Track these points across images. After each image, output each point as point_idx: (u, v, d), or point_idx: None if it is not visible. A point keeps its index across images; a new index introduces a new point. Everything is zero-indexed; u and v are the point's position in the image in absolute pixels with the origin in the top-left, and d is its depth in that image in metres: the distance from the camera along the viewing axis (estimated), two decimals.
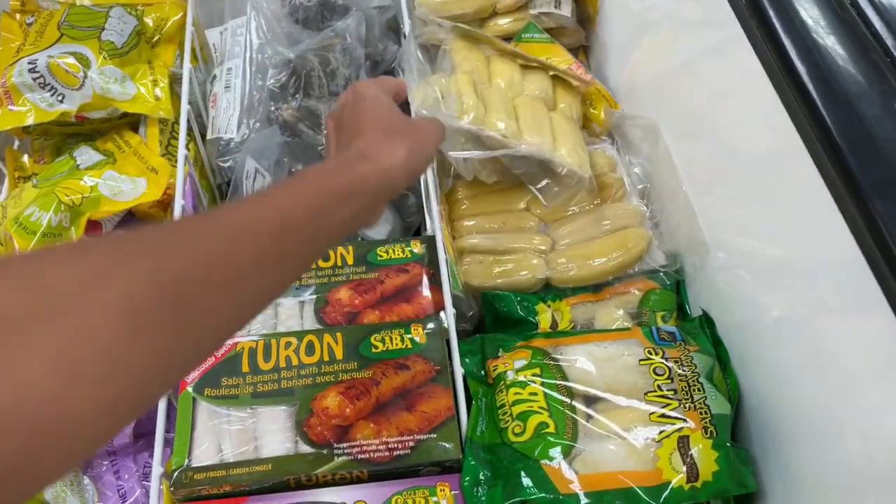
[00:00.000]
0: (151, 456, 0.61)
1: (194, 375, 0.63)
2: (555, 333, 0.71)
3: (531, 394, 0.62)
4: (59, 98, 0.82)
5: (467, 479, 0.58)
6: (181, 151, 0.77)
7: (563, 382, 0.63)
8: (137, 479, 0.67)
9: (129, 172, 0.82)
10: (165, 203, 0.82)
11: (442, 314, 0.71)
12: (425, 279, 0.74)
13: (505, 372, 0.65)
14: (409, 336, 0.67)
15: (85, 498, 0.64)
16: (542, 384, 0.63)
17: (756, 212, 0.67)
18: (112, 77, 0.85)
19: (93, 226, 0.80)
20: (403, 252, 0.76)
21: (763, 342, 0.65)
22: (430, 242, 0.76)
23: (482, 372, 0.68)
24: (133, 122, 0.90)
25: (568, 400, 0.62)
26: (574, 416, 0.61)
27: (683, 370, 0.64)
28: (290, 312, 0.72)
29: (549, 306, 0.76)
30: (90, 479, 0.65)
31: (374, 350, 0.65)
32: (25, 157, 0.91)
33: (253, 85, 0.87)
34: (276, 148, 0.86)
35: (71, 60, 0.83)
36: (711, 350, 0.68)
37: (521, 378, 0.63)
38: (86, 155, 0.85)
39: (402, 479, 0.59)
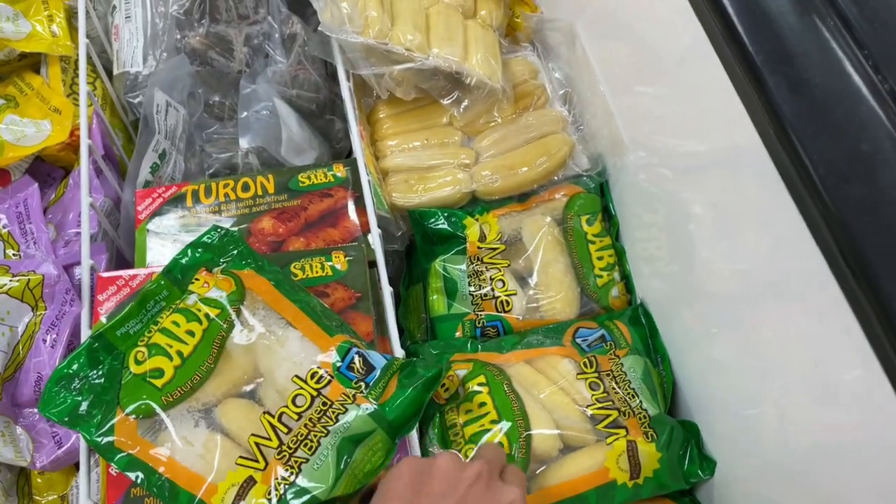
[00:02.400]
0: None
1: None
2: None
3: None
4: None
5: None
6: (83, 88, 0.73)
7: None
8: None
9: (32, 115, 0.79)
10: (74, 145, 0.79)
11: (369, 237, 0.70)
12: (350, 202, 0.73)
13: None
14: (330, 263, 0.66)
15: (19, 447, 0.64)
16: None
17: (673, 109, 0.66)
18: (3, 15, 0.80)
19: (0, 174, 0.77)
20: (326, 177, 0.74)
21: (687, 236, 0.66)
22: (353, 165, 0.75)
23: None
24: (34, 64, 0.86)
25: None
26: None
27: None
28: None
29: (476, 220, 0.76)
30: (23, 428, 0.65)
31: (293, 278, 0.65)
32: None
33: (154, 12, 0.83)
34: (188, 78, 0.82)
35: None
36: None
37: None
38: None
39: None
